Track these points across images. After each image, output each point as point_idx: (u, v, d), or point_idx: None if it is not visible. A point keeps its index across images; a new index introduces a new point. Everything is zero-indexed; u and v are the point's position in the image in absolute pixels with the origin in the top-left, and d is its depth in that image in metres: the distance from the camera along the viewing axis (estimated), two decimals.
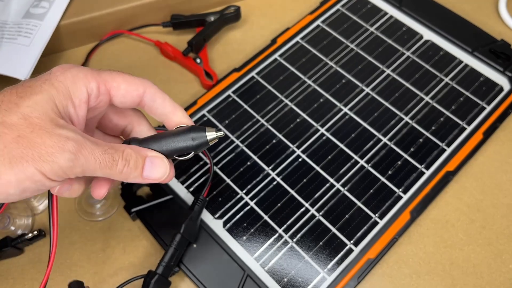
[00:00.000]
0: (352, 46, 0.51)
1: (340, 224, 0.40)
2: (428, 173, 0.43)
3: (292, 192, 0.42)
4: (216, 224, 0.40)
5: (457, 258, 0.40)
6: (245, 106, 0.47)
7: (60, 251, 0.40)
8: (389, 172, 0.43)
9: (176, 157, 0.30)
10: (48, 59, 0.51)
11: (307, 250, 0.39)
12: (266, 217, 0.41)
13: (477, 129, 0.45)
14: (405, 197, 0.41)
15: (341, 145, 0.44)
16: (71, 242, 0.41)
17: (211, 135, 0.29)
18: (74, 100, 0.27)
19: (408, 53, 0.50)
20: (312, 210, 0.41)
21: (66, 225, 0.41)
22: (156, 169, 0.29)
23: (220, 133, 0.29)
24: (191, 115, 0.46)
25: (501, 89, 0.48)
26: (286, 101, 0.47)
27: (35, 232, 0.40)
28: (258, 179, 0.43)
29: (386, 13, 0.53)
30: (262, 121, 0.46)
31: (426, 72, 0.49)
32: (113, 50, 0.52)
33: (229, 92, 0.48)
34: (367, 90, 0.48)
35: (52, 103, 0.26)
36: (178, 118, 0.31)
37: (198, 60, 0.50)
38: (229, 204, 0.41)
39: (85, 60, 0.51)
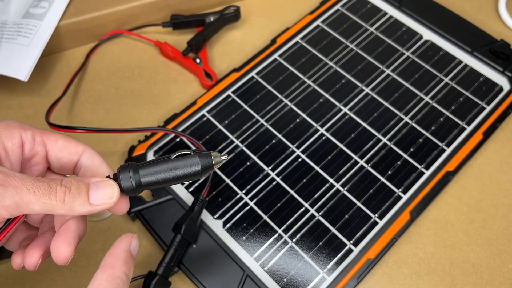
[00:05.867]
0: (351, 46, 0.51)
1: (339, 224, 0.40)
2: (428, 173, 0.43)
3: (292, 192, 0.42)
4: (215, 224, 0.40)
5: (457, 258, 0.40)
6: (245, 106, 0.47)
7: None
8: (389, 172, 0.43)
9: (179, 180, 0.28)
10: (48, 59, 0.51)
11: (307, 250, 0.39)
12: (265, 217, 0.41)
13: (477, 129, 0.45)
14: (405, 197, 0.41)
15: (341, 145, 0.44)
16: None
17: (216, 159, 0.28)
18: (6, 143, 0.27)
19: (408, 53, 0.50)
20: (312, 210, 0.41)
21: None
22: (103, 190, 0.26)
23: (225, 157, 0.29)
24: (191, 115, 0.46)
25: (501, 89, 0.48)
26: (286, 101, 0.47)
27: None
28: (257, 179, 0.43)
29: (386, 13, 0.53)
30: (262, 121, 0.46)
31: (426, 72, 0.49)
32: (113, 50, 0.52)
33: (229, 92, 0.48)
34: (367, 90, 0.48)
35: None
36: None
37: (197, 60, 0.50)
38: (229, 204, 0.41)
39: (85, 60, 0.51)
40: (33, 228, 0.31)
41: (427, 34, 0.51)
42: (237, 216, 0.41)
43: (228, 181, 0.43)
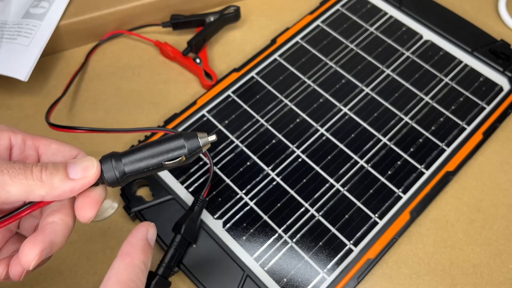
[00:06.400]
0: (351, 46, 0.51)
1: (339, 224, 0.40)
2: (428, 173, 0.43)
3: (292, 192, 0.42)
4: (215, 224, 0.40)
5: (457, 258, 0.40)
6: (245, 106, 0.47)
7: (60, 250, 0.40)
8: (389, 172, 0.43)
9: (165, 164, 0.27)
10: (48, 59, 0.51)
11: (307, 250, 0.39)
12: (265, 217, 0.41)
13: (477, 129, 0.45)
14: (405, 197, 0.41)
15: (341, 145, 0.44)
16: (70, 242, 0.41)
17: (204, 140, 0.27)
18: None
19: (408, 53, 0.50)
20: (312, 210, 0.41)
21: None
22: (81, 164, 0.25)
23: (213, 138, 0.27)
24: (191, 115, 0.46)
25: (501, 89, 0.48)
26: (286, 101, 0.47)
27: None
28: (257, 179, 0.43)
29: (386, 13, 0.53)
30: (262, 121, 0.46)
31: (426, 72, 0.49)
32: (113, 50, 0.52)
33: (229, 92, 0.48)
34: (367, 90, 0.48)
35: None
36: None
37: (197, 60, 0.50)
38: (229, 204, 0.41)
39: (85, 60, 0.51)
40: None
41: (427, 34, 0.51)
42: (237, 216, 0.41)
43: (228, 181, 0.43)
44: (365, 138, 0.45)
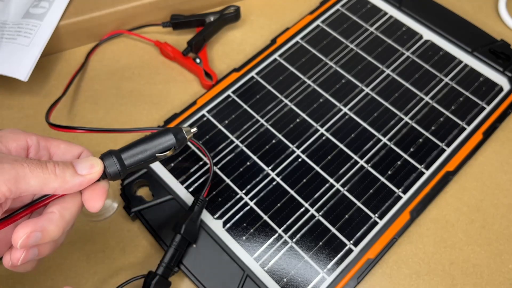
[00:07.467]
0: (351, 46, 0.51)
1: (339, 224, 0.40)
2: (428, 173, 0.43)
3: (292, 192, 0.42)
4: (215, 224, 0.40)
5: (457, 258, 0.40)
6: (245, 106, 0.47)
7: (60, 250, 0.40)
8: (389, 172, 0.43)
9: (158, 156, 0.31)
10: (48, 59, 0.51)
11: (307, 250, 0.39)
12: (265, 217, 0.41)
13: (477, 129, 0.45)
14: (405, 197, 0.41)
15: (341, 145, 0.44)
16: (70, 242, 0.41)
17: (188, 132, 0.33)
18: (10, 144, 0.29)
19: (408, 53, 0.50)
20: (312, 210, 0.41)
21: None
22: (86, 162, 0.29)
23: (194, 129, 0.34)
24: (191, 115, 0.46)
25: (501, 89, 0.48)
26: (286, 101, 0.47)
27: None
28: (257, 179, 0.43)
29: (386, 13, 0.53)
30: (262, 121, 0.46)
31: (426, 72, 0.49)
32: (113, 50, 0.52)
33: (229, 92, 0.48)
34: (367, 90, 0.48)
35: None
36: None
37: (197, 60, 0.50)
38: (229, 204, 0.41)
39: (85, 60, 0.51)
40: None
41: (427, 34, 0.51)
42: (237, 216, 0.41)
43: (228, 181, 0.43)
44: (365, 138, 0.45)
